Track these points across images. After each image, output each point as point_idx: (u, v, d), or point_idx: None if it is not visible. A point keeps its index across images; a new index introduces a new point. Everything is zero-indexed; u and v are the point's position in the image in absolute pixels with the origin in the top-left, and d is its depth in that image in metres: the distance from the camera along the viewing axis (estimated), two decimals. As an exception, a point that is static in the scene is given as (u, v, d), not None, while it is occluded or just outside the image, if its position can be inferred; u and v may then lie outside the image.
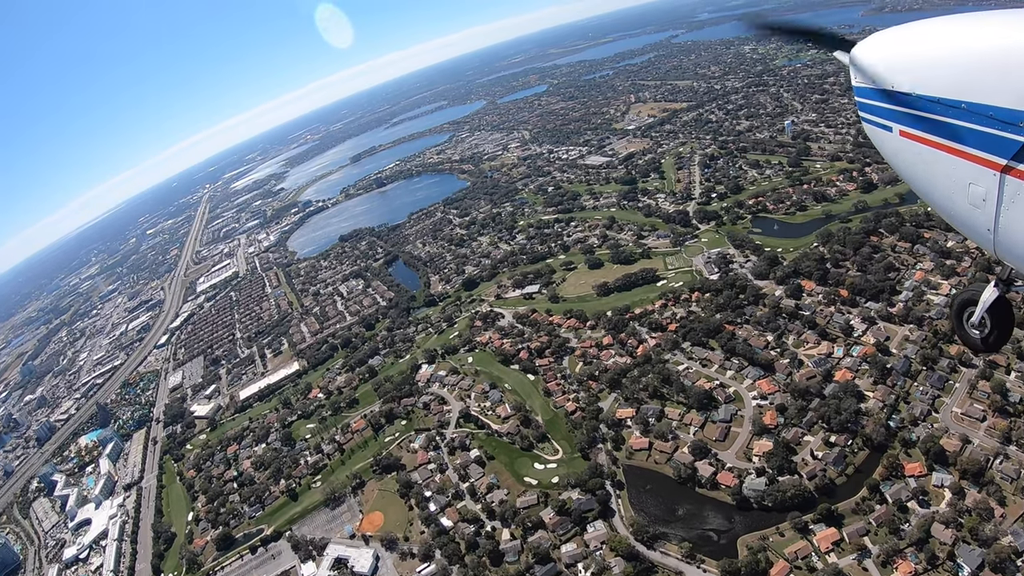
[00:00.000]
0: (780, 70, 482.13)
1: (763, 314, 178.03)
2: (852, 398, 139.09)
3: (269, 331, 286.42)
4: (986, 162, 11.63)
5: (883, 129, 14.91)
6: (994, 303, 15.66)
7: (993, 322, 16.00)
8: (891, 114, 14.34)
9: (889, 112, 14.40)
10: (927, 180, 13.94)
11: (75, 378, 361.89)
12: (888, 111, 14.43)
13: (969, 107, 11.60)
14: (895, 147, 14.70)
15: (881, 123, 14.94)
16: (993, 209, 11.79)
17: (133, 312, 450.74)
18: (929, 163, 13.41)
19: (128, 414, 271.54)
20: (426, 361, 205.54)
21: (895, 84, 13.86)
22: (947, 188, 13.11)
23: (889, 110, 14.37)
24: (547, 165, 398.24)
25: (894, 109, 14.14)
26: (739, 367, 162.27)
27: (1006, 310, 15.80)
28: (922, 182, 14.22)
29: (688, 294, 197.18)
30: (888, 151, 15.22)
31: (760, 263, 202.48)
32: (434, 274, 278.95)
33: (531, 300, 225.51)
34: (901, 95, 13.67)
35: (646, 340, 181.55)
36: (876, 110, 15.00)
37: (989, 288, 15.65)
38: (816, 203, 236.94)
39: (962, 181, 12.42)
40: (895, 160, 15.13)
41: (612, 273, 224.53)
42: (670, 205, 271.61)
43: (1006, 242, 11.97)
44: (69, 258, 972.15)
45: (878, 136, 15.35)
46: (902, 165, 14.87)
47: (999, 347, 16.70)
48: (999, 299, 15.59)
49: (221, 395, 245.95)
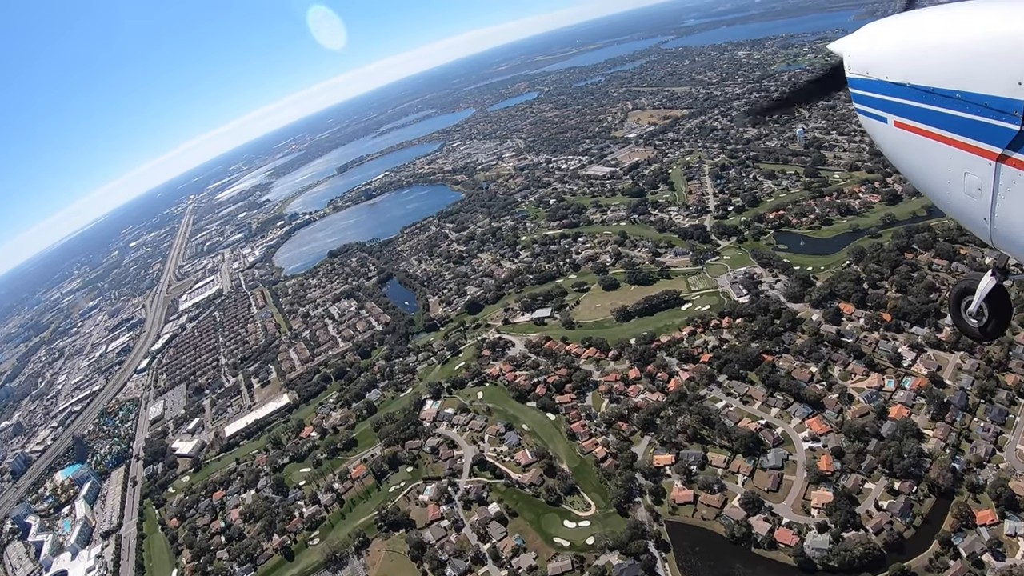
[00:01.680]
0: (780, 75, 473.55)
1: (803, 342, 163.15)
2: (912, 438, 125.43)
3: (256, 357, 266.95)
4: (981, 151, 11.45)
5: (878, 120, 14.77)
6: (991, 292, 15.24)
7: (991, 311, 15.57)
8: (885, 104, 14.20)
9: (883, 103, 14.28)
10: (922, 170, 13.83)
11: (52, 404, 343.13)
12: (882, 102, 14.31)
13: (963, 96, 11.46)
14: (890, 137, 14.52)
15: (876, 114, 14.79)
16: (989, 198, 11.63)
17: (113, 331, 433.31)
18: (924, 153, 13.24)
19: (106, 448, 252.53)
20: (430, 396, 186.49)
21: (889, 75, 13.82)
22: (943, 178, 12.93)
23: (883, 101, 14.25)
24: (546, 176, 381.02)
25: (888, 100, 14.03)
26: (784, 404, 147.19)
27: (1003, 299, 15.45)
28: (918, 172, 14.14)
29: (718, 319, 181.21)
30: (883, 142, 15.09)
31: (792, 284, 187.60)
32: (432, 295, 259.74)
33: (543, 326, 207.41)
34: (895, 85, 13.62)
35: (677, 373, 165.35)
36: (870, 101, 14.88)
37: (986, 277, 15.26)
38: (841, 216, 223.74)
39: (957, 170, 12.30)
40: (890, 150, 15.01)
41: (630, 295, 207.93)
42: (684, 219, 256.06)
43: (1002, 231, 11.79)
44: (52, 271, 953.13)
45: (873, 127, 15.24)
46: (897, 155, 14.77)
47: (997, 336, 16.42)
48: (996, 288, 15.19)
49: (205, 430, 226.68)
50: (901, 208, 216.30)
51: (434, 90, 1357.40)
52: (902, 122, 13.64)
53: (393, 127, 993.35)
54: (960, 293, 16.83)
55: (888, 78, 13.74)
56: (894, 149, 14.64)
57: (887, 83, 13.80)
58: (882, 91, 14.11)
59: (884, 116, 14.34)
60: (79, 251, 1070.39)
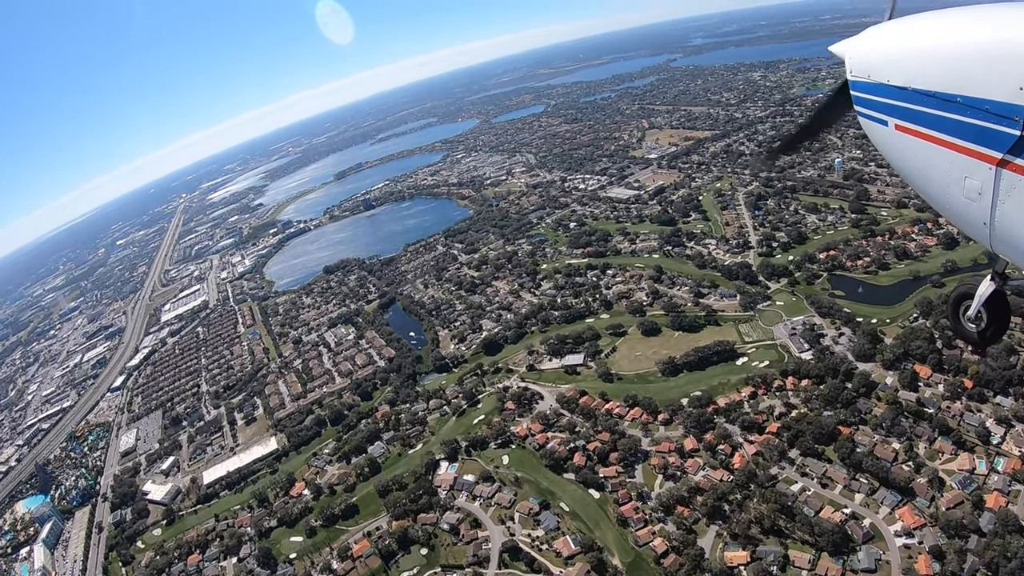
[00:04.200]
0: (801, 99, 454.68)
1: (882, 413, 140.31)
2: (1015, 534, 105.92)
3: (240, 387, 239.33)
4: (981, 156, 11.17)
5: (878, 123, 14.41)
6: (990, 297, 15.02)
7: (989, 316, 15.33)
8: (886, 108, 13.84)
9: (884, 106, 13.93)
10: (922, 174, 13.44)
11: (21, 417, 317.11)
12: (883, 105, 13.98)
13: (964, 101, 11.21)
14: (890, 141, 14.13)
15: (876, 117, 14.44)
16: (989, 203, 11.33)
17: (91, 339, 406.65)
18: (924, 157, 12.85)
19: (72, 479, 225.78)
20: (445, 456, 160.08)
21: (890, 78, 13.50)
22: (943, 182, 12.57)
23: (884, 104, 13.91)
24: (562, 195, 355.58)
25: (889, 103, 13.67)
26: (869, 489, 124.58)
27: (1002, 304, 15.25)
28: (917, 176, 13.77)
29: (781, 379, 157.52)
30: (884, 145, 14.69)
31: (860, 340, 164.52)
32: (442, 327, 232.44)
33: (575, 376, 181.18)
34: (896, 89, 13.26)
35: (741, 445, 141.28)
36: (872, 104, 14.56)
37: (985, 282, 15.12)
38: (898, 260, 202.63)
39: (958, 175, 11.97)
40: (891, 154, 14.59)
41: (674, 343, 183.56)
42: (725, 254, 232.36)
43: (1002, 236, 11.49)
44: (39, 264, 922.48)
45: (874, 130, 14.86)
46: (897, 159, 14.34)
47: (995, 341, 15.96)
48: (995, 293, 14.99)
49: (181, 472, 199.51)
50: (960, 253, 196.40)
51: (434, 99, 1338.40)
52: (903, 125, 13.26)
53: (392, 134, 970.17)
54: (959, 298, 16.33)
55: (890, 81, 13.43)
56: (895, 152, 14.21)
57: (889, 86, 13.48)
58: (883, 94, 13.77)
59: (885, 119, 13.95)
60: (67, 245, 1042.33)
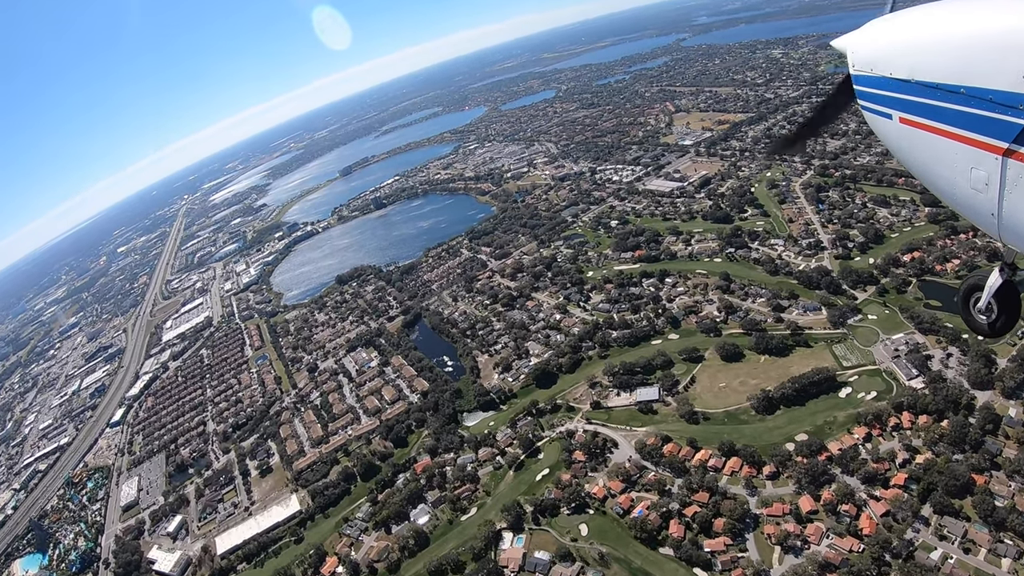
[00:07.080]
0: (831, 77, 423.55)
1: (1016, 455, 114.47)
2: None
3: (252, 426, 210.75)
4: (987, 146, 11.04)
5: (883, 116, 14.00)
6: (1000, 288, 14.79)
7: (999, 307, 15.06)
8: (890, 101, 13.50)
9: (888, 99, 13.58)
10: (929, 166, 13.08)
11: (18, 453, 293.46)
12: (887, 98, 13.62)
13: (968, 91, 11.08)
14: (895, 134, 13.76)
15: (880, 110, 14.04)
16: (996, 193, 11.21)
17: (90, 361, 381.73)
18: (930, 149, 12.65)
19: (71, 538, 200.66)
20: (508, 526, 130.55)
21: (893, 71, 13.19)
22: (949, 174, 12.41)
23: (888, 97, 13.56)
24: (595, 188, 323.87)
25: (893, 96, 13.34)
26: (1017, 552, 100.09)
27: (1012, 295, 15.00)
28: (924, 168, 13.35)
29: (895, 415, 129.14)
30: (888, 138, 14.26)
31: (975, 363, 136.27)
32: (481, 351, 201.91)
33: (652, 415, 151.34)
34: (899, 82, 13.00)
35: (867, 504, 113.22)
36: (875, 97, 14.15)
37: (995, 273, 14.84)
38: (989, 262, 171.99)
39: (964, 166, 11.80)
40: (896, 147, 14.18)
41: (762, 370, 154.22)
42: (797, 257, 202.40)
43: (1010, 226, 11.37)
44: (41, 274, 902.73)
45: (878, 124, 14.47)
46: (903, 152, 13.95)
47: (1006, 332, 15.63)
48: (1005, 284, 14.75)
49: (190, 535, 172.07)
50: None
51: (437, 88, 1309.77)
52: (907, 118, 13.00)
53: (396, 126, 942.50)
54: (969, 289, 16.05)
55: (893, 74, 13.15)
56: (900, 146, 13.86)
57: (892, 79, 13.20)
58: (887, 87, 13.46)
59: (889, 113, 13.63)
60: (70, 252, 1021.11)
